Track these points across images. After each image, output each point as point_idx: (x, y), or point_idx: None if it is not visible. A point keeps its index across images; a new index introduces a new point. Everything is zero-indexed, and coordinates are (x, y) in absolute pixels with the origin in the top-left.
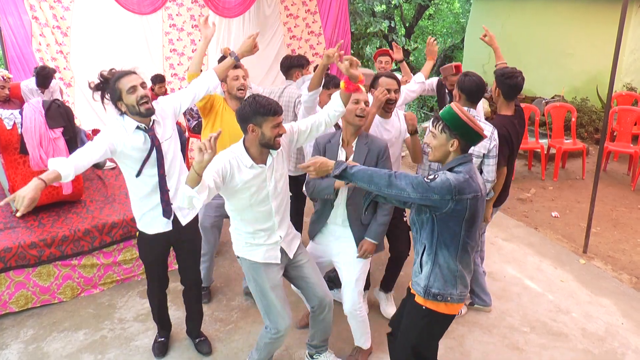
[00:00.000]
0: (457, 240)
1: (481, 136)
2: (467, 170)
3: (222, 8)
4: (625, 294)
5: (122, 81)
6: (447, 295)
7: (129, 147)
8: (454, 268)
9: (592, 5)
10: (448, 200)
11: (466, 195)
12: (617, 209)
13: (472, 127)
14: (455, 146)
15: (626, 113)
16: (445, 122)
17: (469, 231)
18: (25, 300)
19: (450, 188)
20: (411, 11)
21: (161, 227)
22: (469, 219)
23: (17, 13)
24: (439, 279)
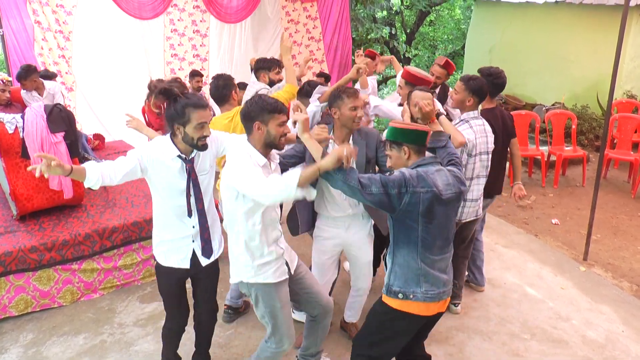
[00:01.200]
0: (414, 237)
1: (424, 132)
2: (423, 170)
3: (224, 14)
4: (625, 302)
5: (197, 113)
6: (409, 293)
7: (163, 170)
8: (414, 266)
9: (593, 12)
10: (403, 193)
11: (420, 189)
12: (617, 217)
13: (410, 128)
14: (407, 153)
15: (626, 120)
16: (390, 140)
17: (427, 228)
18: (25, 305)
19: (405, 179)
20: (412, 17)
21: (176, 262)
22: (424, 213)
23: (20, 17)
24: (400, 277)
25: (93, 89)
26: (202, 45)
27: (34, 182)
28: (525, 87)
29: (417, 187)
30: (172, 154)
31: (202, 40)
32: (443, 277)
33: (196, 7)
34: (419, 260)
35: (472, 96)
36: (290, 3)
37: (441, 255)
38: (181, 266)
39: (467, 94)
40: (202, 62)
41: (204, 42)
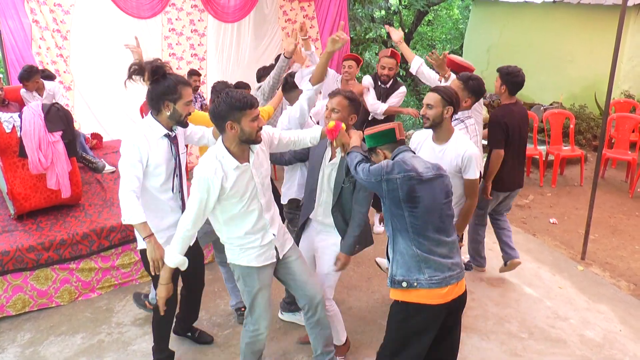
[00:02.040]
0: (404, 224)
1: (390, 129)
2: (401, 157)
3: (222, 13)
4: (623, 301)
5: (187, 90)
6: (412, 281)
7: (154, 152)
8: (412, 253)
9: (590, 12)
10: (379, 181)
11: (395, 175)
12: (615, 216)
13: (374, 132)
14: (383, 155)
15: (624, 120)
16: (368, 149)
17: (414, 213)
18: (23, 304)
19: (380, 169)
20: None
21: None
22: (406, 199)
23: (17, 16)
24: (402, 265)
25: (91, 88)
26: (200, 44)
27: (32, 182)
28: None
29: (391, 174)
30: (159, 134)
31: (200, 39)
32: (447, 261)
33: (194, 6)
34: (414, 247)
35: (470, 96)
36: (287, 2)
37: (438, 239)
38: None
39: (466, 93)
40: (200, 61)
41: (202, 42)
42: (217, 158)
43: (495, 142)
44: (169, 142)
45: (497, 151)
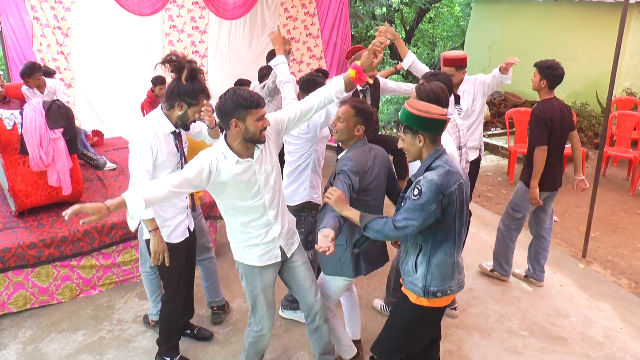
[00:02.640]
0: (453, 234)
1: (443, 121)
2: (444, 162)
3: (223, 10)
4: (624, 299)
5: (203, 101)
6: (446, 289)
7: (162, 147)
8: (450, 262)
9: (592, 9)
10: (441, 200)
11: (452, 188)
12: (616, 214)
13: (428, 117)
14: (423, 141)
15: (626, 118)
16: (404, 123)
17: (461, 220)
18: (24, 301)
19: (438, 188)
20: (412, 14)
21: (178, 237)
22: (460, 208)
23: (18, 14)
24: (437, 276)
25: (92, 85)
26: (201, 41)
27: (33, 179)
28: (525, 84)
29: (450, 187)
30: (167, 130)
31: (201, 36)
32: (463, 261)
33: (195, 3)
34: (455, 254)
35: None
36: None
37: (461, 240)
38: (186, 236)
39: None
40: (201, 58)
41: (202, 39)
42: (219, 150)
43: (539, 138)
44: (174, 137)
45: (542, 147)
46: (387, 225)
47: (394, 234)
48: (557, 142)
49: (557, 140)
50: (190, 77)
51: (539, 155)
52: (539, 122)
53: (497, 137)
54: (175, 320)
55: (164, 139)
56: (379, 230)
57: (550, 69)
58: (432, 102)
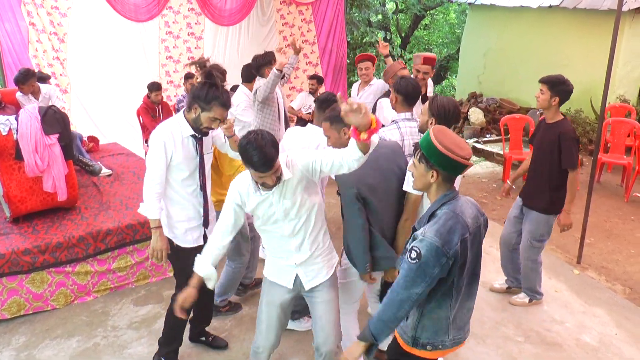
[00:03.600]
0: (450, 289)
1: (464, 165)
2: (451, 211)
3: (219, 16)
4: (618, 305)
5: (219, 110)
6: (438, 344)
7: (180, 149)
8: (445, 316)
9: (586, 17)
10: (444, 263)
11: (455, 247)
12: (610, 220)
13: (450, 156)
14: (435, 177)
15: (619, 125)
16: (422, 151)
17: (461, 275)
18: (18, 307)
19: (439, 251)
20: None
21: (191, 242)
22: (461, 264)
23: (14, 19)
24: (429, 329)
25: (88, 91)
26: (197, 47)
27: (28, 184)
28: (519, 91)
29: (453, 247)
30: (186, 133)
31: (197, 42)
32: (468, 316)
33: (191, 9)
34: (451, 309)
35: (397, 95)
36: (284, 6)
37: (469, 293)
38: (197, 244)
39: (394, 93)
40: None
41: (198, 45)
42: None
43: (575, 162)
44: (195, 142)
45: (576, 172)
46: (391, 307)
47: (403, 310)
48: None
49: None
50: (209, 83)
51: (574, 180)
52: (575, 144)
53: (492, 143)
54: (177, 322)
55: (182, 141)
56: (387, 319)
57: (564, 85)
58: (440, 118)
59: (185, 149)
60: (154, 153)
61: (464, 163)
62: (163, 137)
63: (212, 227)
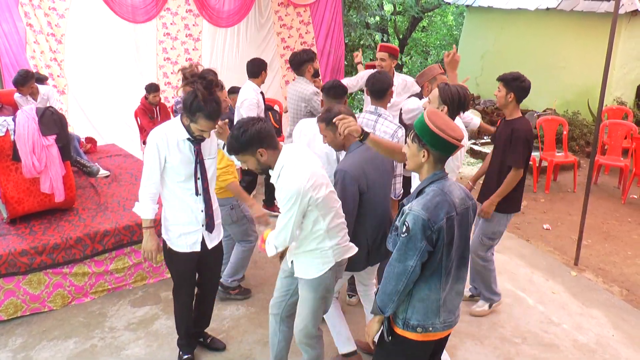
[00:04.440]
0: (439, 269)
1: (454, 146)
2: (439, 189)
3: (217, 18)
4: (615, 306)
5: (203, 121)
6: (428, 326)
7: (175, 152)
8: (435, 297)
9: (583, 19)
10: (430, 235)
11: (441, 222)
12: (608, 222)
13: (441, 136)
14: (425, 157)
15: (616, 127)
16: (415, 131)
17: (449, 254)
18: (15, 309)
19: (425, 223)
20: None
21: (188, 246)
22: (448, 242)
23: (12, 20)
24: (419, 310)
25: (85, 92)
26: (194, 49)
27: (25, 185)
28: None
29: (438, 222)
30: (182, 136)
31: (194, 44)
32: (458, 300)
33: (189, 11)
34: (441, 290)
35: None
36: (283, 8)
37: (458, 276)
38: (193, 250)
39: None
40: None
41: (196, 46)
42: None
43: (521, 160)
44: (192, 146)
45: (519, 171)
46: (390, 280)
47: (404, 282)
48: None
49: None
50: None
51: (513, 178)
52: (525, 144)
53: (489, 145)
54: (178, 317)
55: (177, 144)
56: (389, 292)
57: (518, 81)
58: (453, 104)
59: (181, 153)
60: (148, 154)
61: (454, 143)
62: (156, 139)
63: (216, 232)
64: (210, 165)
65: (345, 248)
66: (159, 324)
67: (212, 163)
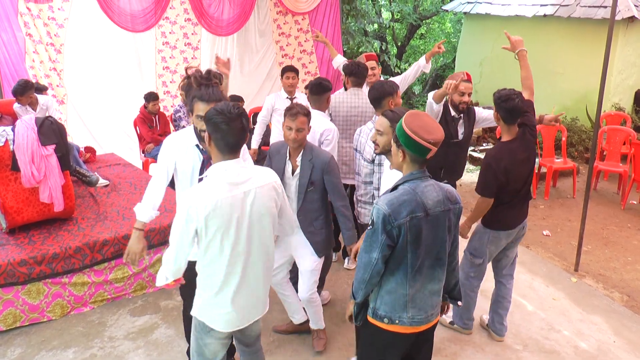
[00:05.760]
0: (404, 266)
1: (427, 149)
2: (411, 188)
3: (215, 26)
4: (616, 312)
5: (198, 104)
6: (395, 318)
7: (183, 158)
8: (402, 292)
9: (581, 26)
10: (390, 230)
11: (402, 219)
12: (607, 228)
13: (413, 138)
14: (402, 157)
15: (615, 133)
16: (396, 135)
17: (417, 252)
18: (14, 319)
19: (386, 218)
20: (403, 31)
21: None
22: (413, 241)
23: (11, 30)
24: (387, 302)
25: (84, 101)
26: (193, 57)
27: (24, 195)
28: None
29: (400, 219)
30: (192, 143)
31: (193, 52)
32: (433, 300)
33: (188, 20)
34: (408, 286)
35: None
36: (281, 16)
37: (432, 276)
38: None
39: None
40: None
41: (195, 55)
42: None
43: (481, 187)
44: (199, 152)
45: (485, 199)
46: (359, 269)
47: (369, 272)
48: (520, 186)
49: (518, 185)
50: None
51: (482, 204)
52: (487, 170)
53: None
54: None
55: (186, 150)
56: (358, 280)
57: (500, 100)
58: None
59: (188, 158)
60: (161, 154)
61: (426, 146)
62: (167, 142)
63: None
64: None
65: None
66: (158, 333)
67: None
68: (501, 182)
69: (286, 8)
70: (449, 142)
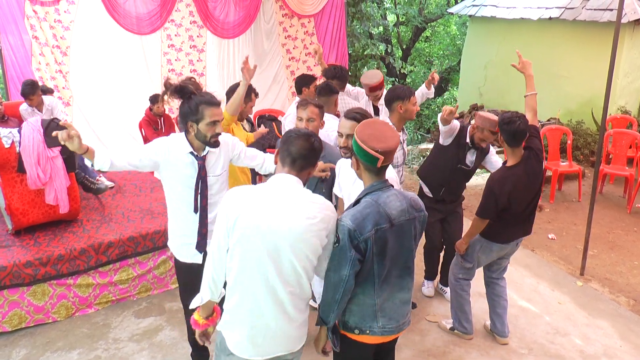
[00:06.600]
0: (371, 276)
1: (374, 157)
2: (373, 200)
3: (221, 29)
4: (622, 316)
5: (210, 110)
6: (365, 329)
7: (175, 165)
8: (370, 302)
9: (586, 29)
10: (357, 244)
11: (368, 233)
12: (613, 232)
13: (360, 145)
14: (355, 166)
15: (621, 136)
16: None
17: (383, 263)
18: (19, 320)
19: (352, 234)
20: (408, 33)
21: (189, 257)
22: (378, 252)
23: (18, 32)
24: (356, 314)
25: (90, 104)
26: (199, 60)
27: (30, 197)
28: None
29: (365, 233)
30: (185, 150)
31: (199, 55)
32: (404, 308)
33: (193, 22)
34: (375, 296)
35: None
36: (287, 19)
37: (401, 285)
38: (194, 261)
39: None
40: (199, 77)
41: (200, 57)
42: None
43: (485, 211)
44: (194, 160)
45: (484, 221)
46: (328, 290)
47: (340, 292)
48: (523, 207)
49: (522, 206)
50: (182, 95)
51: (477, 224)
52: (488, 194)
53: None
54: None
55: (178, 157)
56: (328, 302)
57: (502, 123)
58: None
59: (179, 165)
60: (150, 144)
61: (372, 154)
62: (159, 142)
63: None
64: (214, 183)
65: None
66: (163, 335)
67: (217, 180)
68: (503, 206)
69: (292, 11)
70: (455, 166)
